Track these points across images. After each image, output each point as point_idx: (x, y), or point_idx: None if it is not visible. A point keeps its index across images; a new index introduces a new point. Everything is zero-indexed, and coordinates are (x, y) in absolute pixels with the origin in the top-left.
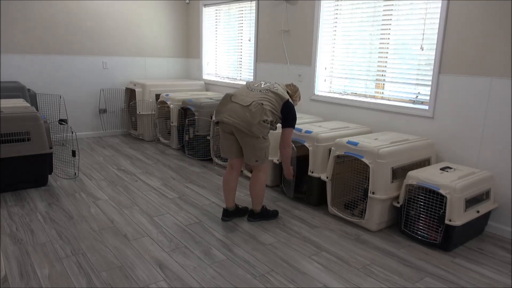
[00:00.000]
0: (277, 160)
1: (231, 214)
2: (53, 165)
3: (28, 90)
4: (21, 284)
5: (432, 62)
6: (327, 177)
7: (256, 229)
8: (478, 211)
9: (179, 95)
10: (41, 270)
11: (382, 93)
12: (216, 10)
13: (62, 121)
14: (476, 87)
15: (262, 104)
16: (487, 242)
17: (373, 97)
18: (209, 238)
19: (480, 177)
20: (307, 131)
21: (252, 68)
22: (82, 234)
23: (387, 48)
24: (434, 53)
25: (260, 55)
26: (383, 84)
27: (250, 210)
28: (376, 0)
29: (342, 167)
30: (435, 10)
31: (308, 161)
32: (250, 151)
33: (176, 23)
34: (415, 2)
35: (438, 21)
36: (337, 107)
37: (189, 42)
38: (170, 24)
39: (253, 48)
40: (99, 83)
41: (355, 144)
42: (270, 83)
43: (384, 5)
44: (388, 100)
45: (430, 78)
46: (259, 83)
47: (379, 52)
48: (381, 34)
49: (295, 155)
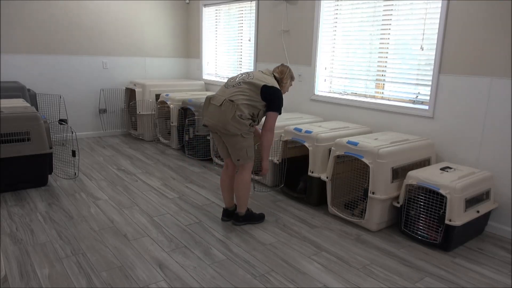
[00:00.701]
0: (277, 160)
1: (230, 214)
2: (53, 165)
3: (28, 90)
4: (21, 284)
5: (432, 62)
6: (327, 177)
7: (256, 229)
8: (478, 211)
9: (179, 95)
10: (41, 270)
11: (382, 93)
12: (216, 10)
13: (62, 121)
14: (476, 87)
15: (232, 101)
16: (487, 242)
17: (373, 97)
18: (209, 238)
19: (480, 177)
20: (307, 131)
21: (252, 68)
22: (82, 234)
23: (387, 48)
24: (434, 53)
25: (260, 55)
26: (383, 84)
27: (235, 213)
28: (376, 0)
29: (342, 167)
30: (435, 10)
31: (307, 161)
32: (232, 150)
33: (176, 23)
34: (415, 2)
35: (438, 21)
36: (337, 107)
37: (189, 42)
38: (170, 24)
39: (253, 48)
40: (99, 83)
41: (355, 144)
42: (248, 73)
43: (384, 5)
44: (388, 100)
45: (430, 78)
46: (237, 76)
47: (379, 52)
48: (381, 34)
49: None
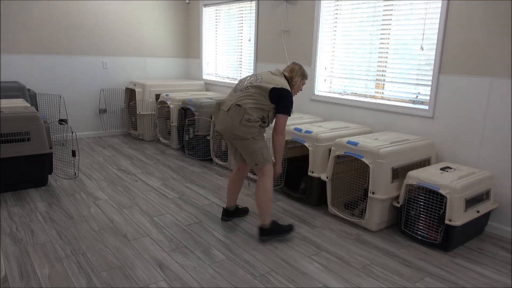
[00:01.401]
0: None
1: (230, 214)
2: (53, 165)
3: (28, 90)
4: (21, 284)
5: (432, 62)
6: (327, 177)
7: (256, 229)
8: (478, 211)
9: (179, 95)
10: (41, 270)
11: (382, 93)
12: (216, 10)
13: (62, 121)
14: (476, 87)
15: (239, 105)
16: (487, 242)
17: (373, 97)
18: (209, 238)
19: (480, 177)
20: (307, 131)
21: (252, 68)
22: (82, 234)
23: (387, 48)
24: (434, 53)
25: (260, 55)
26: (383, 84)
27: (259, 227)
28: (376, 0)
29: (342, 167)
30: (435, 10)
31: (307, 161)
32: (246, 155)
33: (176, 23)
34: (415, 2)
35: (438, 21)
36: (337, 107)
37: (189, 42)
38: (170, 24)
39: (253, 48)
40: (99, 83)
41: (355, 144)
42: (256, 75)
43: (384, 5)
44: (388, 100)
45: (430, 78)
46: (246, 79)
47: (379, 52)
48: (381, 34)
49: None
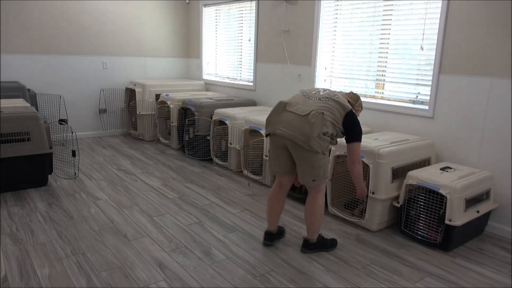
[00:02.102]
0: None
1: (274, 237)
2: (53, 165)
3: (28, 90)
4: (21, 284)
5: (432, 62)
6: (327, 177)
7: (256, 229)
8: (478, 211)
9: (179, 95)
10: (41, 270)
11: (382, 93)
12: (216, 10)
13: (62, 121)
14: (476, 87)
15: (322, 113)
16: (487, 242)
17: (373, 97)
18: (209, 238)
19: (480, 177)
20: None
21: (252, 68)
22: (82, 234)
23: (387, 48)
24: (434, 53)
25: (260, 55)
26: (383, 84)
27: (305, 240)
28: (376, 0)
29: (342, 167)
30: (435, 10)
31: None
32: (307, 168)
33: (176, 23)
34: (415, 2)
35: (438, 21)
36: None
37: (189, 42)
38: (170, 24)
39: (253, 48)
40: (99, 83)
41: None
42: (330, 90)
43: (384, 5)
44: (388, 100)
45: (430, 78)
46: (317, 90)
47: (379, 52)
48: (381, 34)
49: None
